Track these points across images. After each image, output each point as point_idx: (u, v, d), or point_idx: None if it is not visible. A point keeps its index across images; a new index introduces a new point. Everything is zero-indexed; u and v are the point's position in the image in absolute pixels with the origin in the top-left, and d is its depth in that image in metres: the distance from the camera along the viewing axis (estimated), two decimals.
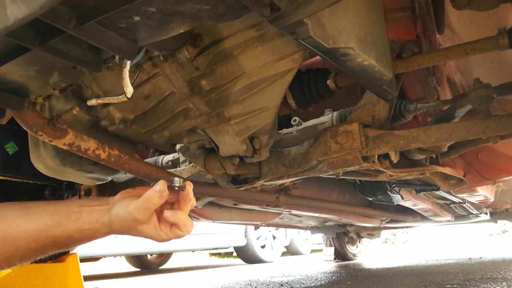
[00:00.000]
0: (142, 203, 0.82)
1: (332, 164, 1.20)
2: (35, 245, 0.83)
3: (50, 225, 0.83)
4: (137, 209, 0.82)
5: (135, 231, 0.85)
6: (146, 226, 0.84)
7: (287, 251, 7.95)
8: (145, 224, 0.84)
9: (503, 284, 2.44)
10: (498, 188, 2.75)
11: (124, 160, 1.15)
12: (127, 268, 6.47)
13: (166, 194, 0.83)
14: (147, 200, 0.81)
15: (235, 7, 0.64)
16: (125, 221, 0.83)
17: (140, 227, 0.84)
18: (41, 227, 0.83)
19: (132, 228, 0.84)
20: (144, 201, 0.81)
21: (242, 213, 2.47)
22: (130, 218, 0.82)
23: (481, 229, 13.42)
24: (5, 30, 0.51)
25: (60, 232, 0.83)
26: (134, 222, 0.83)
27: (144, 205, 0.81)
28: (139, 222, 0.83)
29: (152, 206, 0.82)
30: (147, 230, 0.84)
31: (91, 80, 1.00)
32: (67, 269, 2.14)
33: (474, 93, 1.12)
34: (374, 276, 3.38)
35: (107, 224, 0.84)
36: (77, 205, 0.87)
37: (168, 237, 0.86)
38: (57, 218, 0.84)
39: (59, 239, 0.84)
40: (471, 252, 6.03)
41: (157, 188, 0.82)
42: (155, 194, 0.81)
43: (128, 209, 0.83)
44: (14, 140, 1.55)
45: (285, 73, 0.97)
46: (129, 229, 0.84)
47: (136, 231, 0.85)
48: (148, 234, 0.85)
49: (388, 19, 1.12)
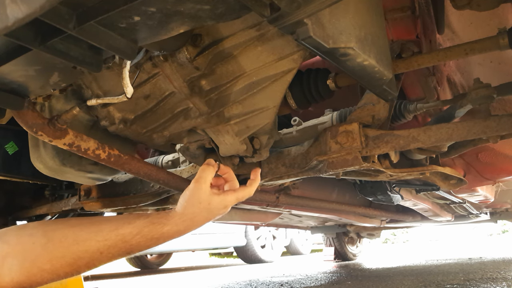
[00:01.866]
0: (200, 173, 0.92)
1: (332, 164, 1.20)
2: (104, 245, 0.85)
3: (121, 223, 0.88)
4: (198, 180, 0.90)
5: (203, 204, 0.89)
6: (214, 195, 0.91)
7: (287, 251, 7.95)
8: (212, 193, 0.91)
9: (503, 284, 2.44)
10: (498, 188, 2.75)
11: (124, 160, 1.15)
12: (127, 268, 6.46)
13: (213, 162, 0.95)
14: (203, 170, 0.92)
15: (235, 7, 0.64)
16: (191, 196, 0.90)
17: (212, 197, 0.90)
18: (112, 226, 0.87)
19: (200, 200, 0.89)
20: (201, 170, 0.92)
21: (242, 213, 2.47)
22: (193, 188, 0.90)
23: (481, 229, 13.42)
24: (5, 30, 0.51)
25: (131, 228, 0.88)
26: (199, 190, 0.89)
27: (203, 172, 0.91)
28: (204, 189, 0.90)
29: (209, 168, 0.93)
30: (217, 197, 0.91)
31: (91, 80, 1.00)
32: None
33: (474, 93, 1.12)
34: (374, 276, 3.38)
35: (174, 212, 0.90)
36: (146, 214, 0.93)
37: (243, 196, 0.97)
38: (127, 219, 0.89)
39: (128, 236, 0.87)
40: (471, 252, 6.03)
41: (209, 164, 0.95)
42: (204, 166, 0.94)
43: (190, 186, 0.91)
44: (14, 140, 1.55)
45: (285, 73, 0.97)
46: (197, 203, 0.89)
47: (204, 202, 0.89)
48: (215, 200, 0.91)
49: (388, 19, 1.12)
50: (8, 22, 0.50)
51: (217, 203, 0.91)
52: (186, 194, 0.91)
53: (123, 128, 1.07)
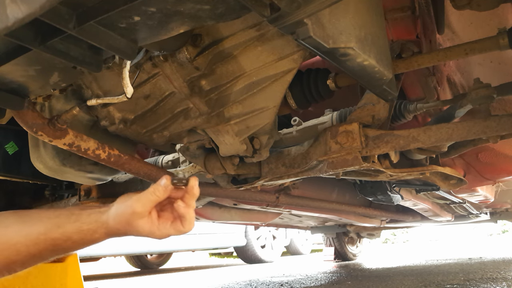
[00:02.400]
0: (146, 196, 0.81)
1: (332, 164, 1.20)
2: (35, 249, 0.82)
3: (50, 227, 0.83)
4: (139, 201, 0.81)
5: (132, 228, 0.83)
6: (144, 221, 0.82)
7: (287, 251, 7.95)
8: (143, 219, 0.82)
9: (503, 284, 2.44)
10: (498, 188, 2.75)
11: (124, 160, 1.15)
12: (127, 268, 6.46)
13: (170, 188, 0.83)
14: (152, 193, 0.81)
15: (235, 7, 0.64)
16: (123, 215, 0.82)
17: (138, 222, 0.82)
18: (41, 230, 0.82)
19: (130, 223, 0.82)
20: (149, 194, 0.81)
21: (242, 213, 2.47)
22: (129, 211, 0.81)
23: (481, 229, 13.41)
24: (5, 30, 0.51)
25: (60, 233, 0.83)
26: (133, 216, 0.82)
27: (148, 197, 0.81)
28: (137, 216, 0.82)
29: (156, 198, 0.82)
30: (144, 225, 0.83)
31: (91, 80, 1.00)
32: (67, 269, 2.14)
33: (474, 93, 1.12)
34: (374, 276, 3.38)
35: (104, 222, 0.83)
36: (79, 208, 0.87)
37: (167, 233, 0.85)
38: (57, 220, 0.84)
39: (58, 241, 0.83)
40: (471, 252, 6.02)
41: (162, 182, 0.82)
42: (160, 187, 0.81)
43: (128, 202, 0.82)
44: (14, 140, 1.55)
45: (285, 73, 0.97)
46: (126, 225, 0.83)
47: (133, 227, 0.83)
48: (145, 229, 0.83)
49: (388, 19, 1.12)
50: (8, 22, 0.50)
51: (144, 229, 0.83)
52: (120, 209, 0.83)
53: (123, 128, 1.07)
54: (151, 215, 0.83)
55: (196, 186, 0.85)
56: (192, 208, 0.86)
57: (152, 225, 0.83)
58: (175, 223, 0.85)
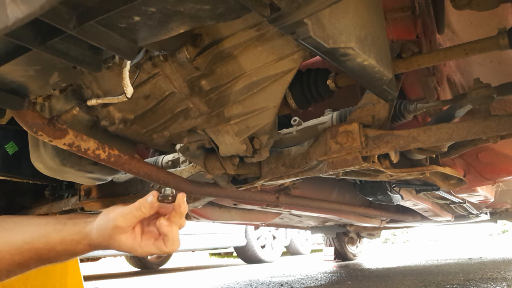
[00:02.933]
0: (130, 210, 0.79)
1: (332, 164, 1.20)
2: (19, 258, 0.80)
3: (35, 236, 0.81)
4: (122, 215, 0.79)
5: (114, 242, 0.80)
6: (126, 236, 0.80)
7: (287, 251, 7.95)
8: (126, 234, 0.80)
9: (503, 284, 2.44)
10: (498, 188, 2.75)
11: (124, 160, 1.15)
12: (127, 268, 6.46)
13: (157, 205, 0.80)
14: (138, 208, 0.79)
15: (235, 7, 0.64)
16: (105, 229, 0.80)
17: (120, 236, 0.79)
18: (27, 239, 0.80)
19: (112, 237, 0.80)
20: (134, 209, 0.79)
21: (242, 213, 2.47)
22: (111, 225, 0.79)
23: (481, 229, 13.42)
24: (5, 30, 0.51)
25: (44, 243, 0.80)
26: (115, 230, 0.79)
27: (132, 212, 0.79)
28: (119, 231, 0.79)
29: (141, 214, 0.79)
30: (127, 241, 0.80)
31: (91, 80, 1.00)
32: (67, 269, 2.15)
33: (474, 93, 1.12)
34: (374, 276, 3.38)
35: (88, 234, 0.81)
36: (66, 217, 0.85)
37: (149, 251, 0.81)
38: (43, 229, 0.82)
39: (41, 251, 0.81)
40: (471, 252, 6.02)
41: (149, 198, 0.79)
42: (147, 204, 0.79)
43: (111, 216, 0.80)
44: (14, 140, 1.55)
45: (285, 73, 0.97)
46: (108, 238, 0.80)
47: (114, 242, 0.80)
48: (127, 244, 0.80)
49: (388, 19, 1.12)
50: (8, 22, 0.50)
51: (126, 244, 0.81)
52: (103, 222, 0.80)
53: (123, 128, 1.07)
54: (135, 230, 0.81)
55: (184, 203, 0.81)
56: (177, 226, 0.82)
57: (134, 241, 0.80)
58: (158, 241, 0.81)
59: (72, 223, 0.83)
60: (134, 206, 0.79)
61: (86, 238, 0.82)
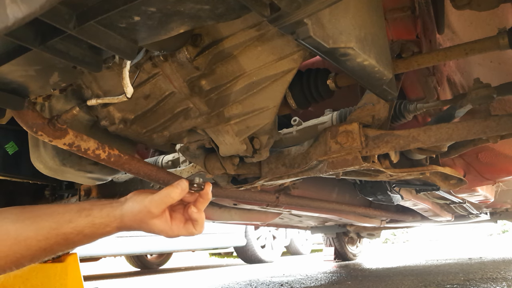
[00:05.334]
0: (161, 197, 0.85)
1: (332, 164, 1.20)
2: (46, 244, 0.84)
3: (62, 222, 0.84)
4: (154, 202, 0.85)
5: (146, 226, 0.87)
6: (159, 220, 0.87)
7: (287, 251, 7.95)
8: (158, 218, 0.86)
9: (503, 284, 2.44)
10: (498, 188, 2.75)
11: (124, 160, 1.15)
12: (127, 268, 6.46)
13: (186, 191, 0.87)
14: (167, 195, 0.85)
15: (235, 7, 0.64)
16: (138, 214, 0.85)
17: (153, 221, 0.86)
18: (52, 225, 0.84)
19: (144, 221, 0.86)
20: (164, 196, 0.85)
21: (242, 213, 2.47)
22: (144, 210, 0.85)
23: (481, 229, 13.42)
24: (5, 30, 0.51)
25: (72, 228, 0.84)
26: (148, 215, 0.85)
27: (163, 199, 0.85)
28: (152, 216, 0.86)
29: (170, 201, 0.86)
30: (159, 224, 0.87)
31: (91, 80, 1.00)
32: (67, 269, 2.14)
33: (474, 93, 1.12)
34: (374, 276, 3.38)
35: (118, 217, 0.86)
36: (89, 203, 0.89)
37: (179, 233, 0.89)
38: (68, 215, 0.86)
39: (69, 236, 0.85)
40: (471, 252, 6.02)
41: (180, 185, 0.86)
42: (177, 190, 0.86)
43: (144, 202, 0.85)
44: (14, 140, 1.55)
45: (285, 73, 0.97)
46: (140, 222, 0.86)
47: (147, 225, 0.87)
48: (159, 227, 0.87)
49: (388, 19, 1.12)
50: (8, 22, 0.50)
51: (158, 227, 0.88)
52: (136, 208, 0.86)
53: (123, 128, 1.07)
54: (165, 214, 0.88)
55: (210, 192, 0.91)
56: (203, 212, 0.91)
57: (166, 224, 0.88)
58: (187, 225, 0.90)
59: (98, 208, 0.87)
60: (164, 193, 0.86)
61: (115, 221, 0.87)
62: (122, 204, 0.87)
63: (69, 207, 0.88)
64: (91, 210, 0.87)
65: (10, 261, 0.82)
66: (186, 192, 0.87)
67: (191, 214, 0.89)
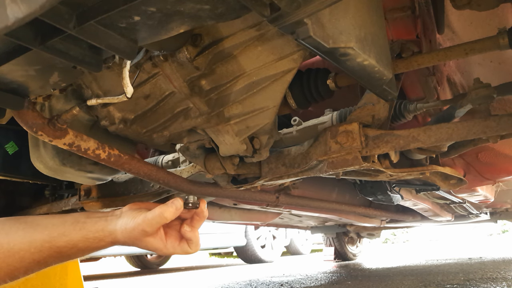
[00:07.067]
0: (154, 217, 0.83)
1: (332, 164, 1.20)
2: (39, 256, 0.83)
3: (55, 235, 0.84)
4: (147, 221, 0.84)
5: (140, 243, 0.86)
6: (153, 238, 0.86)
7: (287, 251, 7.95)
8: (152, 236, 0.86)
9: (503, 284, 2.44)
10: (498, 188, 2.75)
11: (124, 160, 1.15)
12: (127, 268, 6.47)
13: (180, 211, 0.86)
14: (161, 214, 0.83)
15: (235, 7, 0.64)
16: (132, 231, 0.85)
17: (147, 238, 0.85)
18: (46, 238, 0.83)
19: (138, 239, 0.85)
20: (158, 215, 0.83)
21: (242, 213, 2.47)
22: (138, 229, 0.84)
23: (481, 229, 13.42)
24: (5, 30, 0.51)
25: (65, 242, 0.84)
26: (142, 233, 0.84)
27: (156, 219, 0.83)
28: (146, 234, 0.85)
29: (164, 220, 0.84)
30: (153, 242, 0.86)
31: (91, 80, 1.00)
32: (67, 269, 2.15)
33: (474, 93, 1.12)
34: (374, 276, 3.38)
35: (112, 232, 0.85)
36: (84, 216, 0.89)
37: (174, 251, 0.88)
38: (62, 228, 0.85)
39: (63, 249, 0.84)
40: (471, 252, 6.03)
41: (174, 205, 0.84)
42: (171, 209, 0.84)
43: (137, 220, 0.84)
44: (14, 140, 1.55)
45: (285, 73, 0.97)
46: (134, 239, 0.86)
47: (142, 243, 0.86)
48: (154, 245, 0.86)
49: (388, 19, 1.12)
50: (8, 22, 0.50)
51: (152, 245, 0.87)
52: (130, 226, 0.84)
53: (123, 128, 1.07)
54: (159, 232, 0.87)
55: (205, 210, 0.91)
56: (197, 230, 0.90)
57: (160, 242, 0.87)
58: (182, 243, 0.89)
59: (92, 222, 0.87)
60: (158, 213, 0.84)
61: (109, 236, 0.86)
62: (117, 218, 0.87)
63: (63, 219, 0.87)
64: (85, 224, 0.86)
65: (4, 273, 0.82)
66: (180, 211, 0.86)
67: (184, 233, 0.88)
